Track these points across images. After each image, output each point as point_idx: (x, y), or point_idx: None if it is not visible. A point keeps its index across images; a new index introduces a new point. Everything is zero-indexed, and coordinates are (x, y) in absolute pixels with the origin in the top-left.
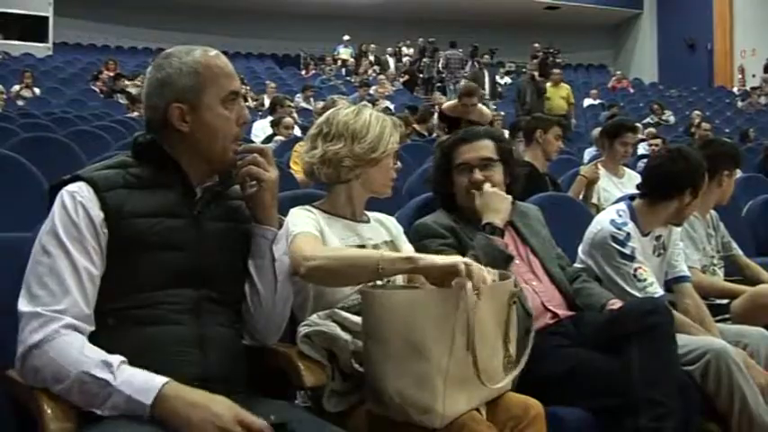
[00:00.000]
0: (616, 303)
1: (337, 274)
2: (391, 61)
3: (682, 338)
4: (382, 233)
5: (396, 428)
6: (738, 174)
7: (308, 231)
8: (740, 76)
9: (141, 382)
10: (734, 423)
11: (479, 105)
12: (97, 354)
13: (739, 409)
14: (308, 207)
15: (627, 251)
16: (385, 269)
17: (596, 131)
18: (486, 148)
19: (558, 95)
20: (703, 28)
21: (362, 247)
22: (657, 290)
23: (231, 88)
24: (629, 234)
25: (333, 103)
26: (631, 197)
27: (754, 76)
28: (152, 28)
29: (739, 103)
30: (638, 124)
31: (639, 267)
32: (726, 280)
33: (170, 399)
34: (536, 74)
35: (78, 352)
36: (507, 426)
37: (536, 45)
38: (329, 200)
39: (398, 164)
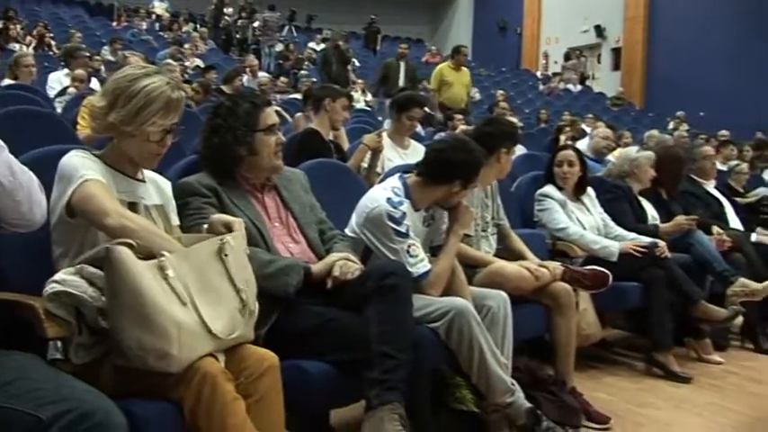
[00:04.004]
0: None
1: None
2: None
3: (428, 298)
4: (154, 196)
5: (138, 377)
6: (520, 151)
7: (99, 179)
8: (544, 62)
9: None
10: (473, 374)
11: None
12: None
13: (478, 361)
14: (87, 154)
15: (402, 229)
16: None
17: None
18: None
19: (461, 82)
20: (515, 12)
21: (133, 204)
22: (427, 265)
23: None
24: (404, 213)
25: (124, 59)
26: (405, 171)
27: (556, 62)
28: None
29: (540, 87)
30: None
31: (413, 244)
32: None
33: None
34: (341, 43)
35: None
36: (243, 374)
37: (373, 17)
38: (110, 151)
39: (168, 142)
